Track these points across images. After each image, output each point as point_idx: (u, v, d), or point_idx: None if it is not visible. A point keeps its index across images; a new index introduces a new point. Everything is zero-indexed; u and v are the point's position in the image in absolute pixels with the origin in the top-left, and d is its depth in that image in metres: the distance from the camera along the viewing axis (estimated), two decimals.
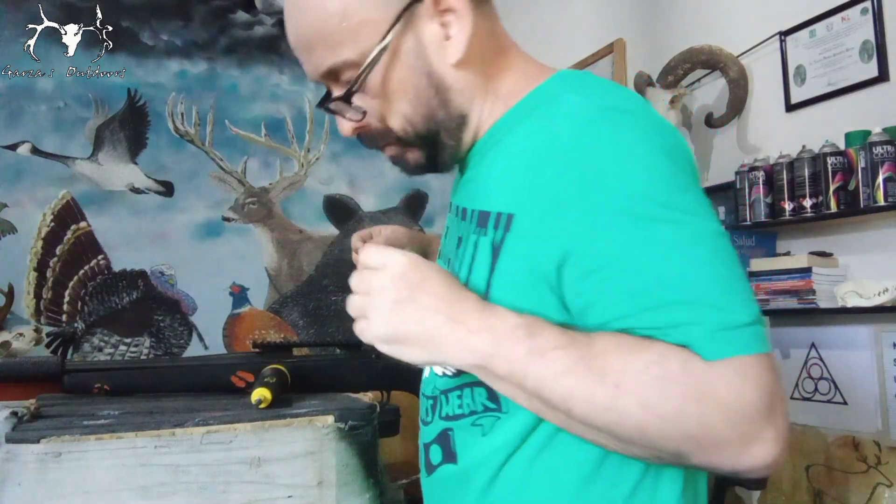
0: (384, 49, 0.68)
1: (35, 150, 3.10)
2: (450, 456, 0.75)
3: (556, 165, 0.64)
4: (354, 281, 0.68)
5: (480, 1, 0.72)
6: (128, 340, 3.18)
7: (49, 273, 3.08)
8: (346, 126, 0.75)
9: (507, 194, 0.69)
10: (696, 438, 0.57)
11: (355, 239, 1.04)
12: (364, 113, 0.73)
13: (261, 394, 0.93)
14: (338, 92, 0.73)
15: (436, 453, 0.77)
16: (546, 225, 0.64)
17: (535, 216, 0.65)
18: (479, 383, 0.70)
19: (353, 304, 0.68)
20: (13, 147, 3.07)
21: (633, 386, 0.58)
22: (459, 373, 0.73)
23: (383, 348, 0.67)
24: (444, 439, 0.76)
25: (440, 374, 0.78)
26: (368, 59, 0.69)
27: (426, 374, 0.82)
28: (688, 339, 0.57)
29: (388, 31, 0.68)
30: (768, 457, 0.58)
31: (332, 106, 0.74)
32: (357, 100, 0.72)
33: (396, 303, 0.65)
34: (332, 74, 0.73)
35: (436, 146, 0.74)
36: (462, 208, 0.76)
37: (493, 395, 0.71)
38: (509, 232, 0.68)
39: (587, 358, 0.60)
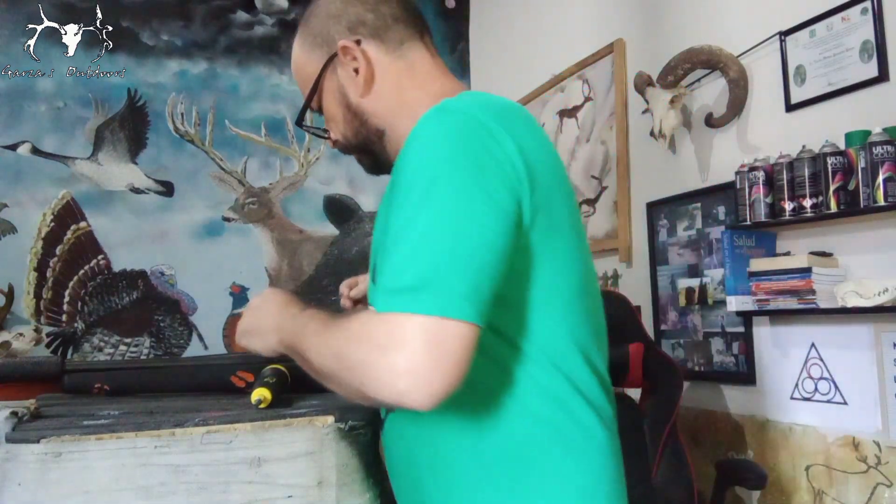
0: (314, 91, 1.01)
1: (35, 150, 3.10)
2: (391, 407, 0.91)
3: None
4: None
5: (394, 48, 0.98)
6: (128, 340, 3.18)
7: (49, 273, 3.08)
8: (329, 141, 1.06)
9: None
10: (356, 370, 0.75)
11: (343, 286, 1.30)
12: (325, 131, 1.05)
13: (261, 394, 0.93)
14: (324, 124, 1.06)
15: (383, 409, 0.94)
16: (386, 200, 0.87)
17: (388, 189, 0.89)
18: None
19: None
20: (13, 147, 3.07)
21: (336, 336, 0.79)
22: None
23: (242, 342, 0.97)
24: None
25: None
26: (305, 99, 1.02)
27: None
28: (375, 300, 0.77)
29: (318, 78, 1.00)
30: (401, 384, 0.72)
31: (297, 121, 1.07)
32: (326, 122, 1.04)
33: (250, 310, 0.98)
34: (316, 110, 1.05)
35: (371, 153, 1.02)
36: None
37: None
38: (378, 214, 0.94)
39: (330, 325, 0.82)
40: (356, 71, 0.97)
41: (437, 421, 0.83)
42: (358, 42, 0.97)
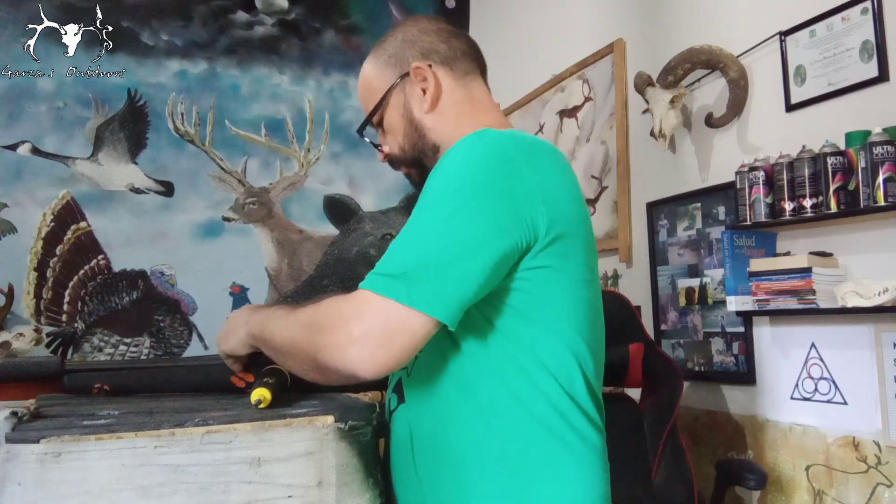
0: (380, 105, 1.10)
1: (35, 150, 3.10)
2: (401, 398, 0.98)
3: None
4: None
5: (460, 77, 1.10)
6: (128, 340, 3.18)
7: (49, 273, 3.08)
8: (379, 154, 1.15)
9: None
10: (317, 335, 0.84)
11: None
12: (379, 145, 1.14)
13: (260, 394, 0.93)
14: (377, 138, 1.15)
15: (393, 399, 1.01)
16: None
17: None
18: None
19: None
20: (13, 147, 3.07)
21: (307, 310, 0.89)
22: None
23: (221, 347, 1.06)
24: (398, 387, 1.00)
25: None
26: (370, 111, 1.11)
27: None
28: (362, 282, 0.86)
29: (384, 95, 1.09)
30: (350, 352, 0.82)
31: (359, 130, 1.16)
32: (380, 137, 1.14)
33: (226, 322, 1.08)
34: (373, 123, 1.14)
35: (422, 166, 1.09)
36: None
37: None
38: None
39: (301, 307, 0.91)
40: (423, 91, 1.07)
41: (447, 419, 0.90)
42: (429, 66, 1.08)
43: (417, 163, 1.11)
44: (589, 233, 0.99)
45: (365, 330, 0.81)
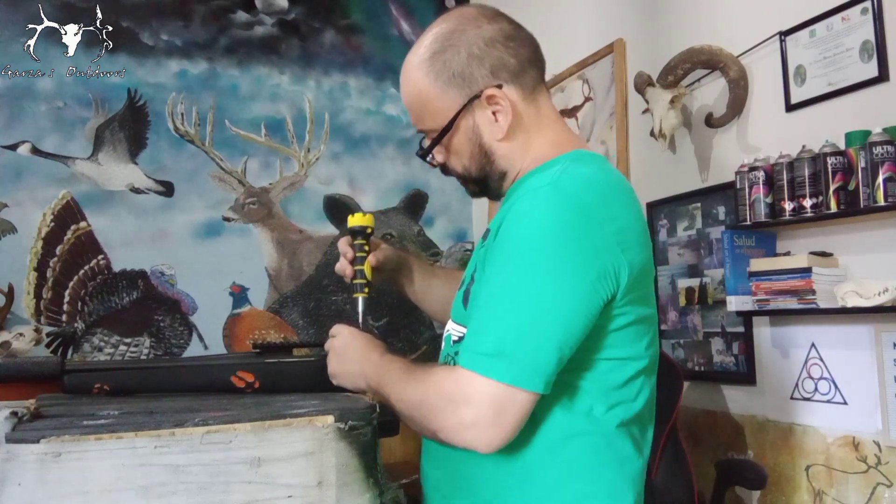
0: (449, 128, 1.01)
1: (35, 150, 3.10)
2: None
3: (509, 210, 0.94)
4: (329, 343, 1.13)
5: (529, 93, 1.02)
6: (128, 340, 3.18)
7: (49, 273, 3.07)
8: (434, 162, 1.10)
9: (495, 219, 1.00)
10: (432, 419, 0.90)
11: (342, 244, 1.37)
12: (439, 160, 1.08)
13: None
14: (425, 144, 1.08)
15: None
16: (491, 245, 0.95)
17: (492, 237, 0.97)
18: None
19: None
20: (13, 147, 3.07)
21: (415, 385, 0.94)
22: (461, 339, 1.00)
23: (334, 382, 1.09)
24: None
25: (454, 341, 1.04)
26: (437, 134, 1.03)
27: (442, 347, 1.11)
28: (459, 357, 0.90)
29: (453, 118, 1.00)
30: (467, 435, 0.87)
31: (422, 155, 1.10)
32: (437, 152, 1.07)
33: (336, 355, 1.10)
34: (423, 133, 1.08)
35: (485, 187, 1.08)
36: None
37: None
38: (486, 241, 1.00)
39: (409, 374, 0.97)
40: (494, 114, 1.00)
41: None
42: (499, 86, 0.99)
43: (481, 183, 1.07)
44: (652, 270, 1.00)
45: (475, 415, 0.85)
